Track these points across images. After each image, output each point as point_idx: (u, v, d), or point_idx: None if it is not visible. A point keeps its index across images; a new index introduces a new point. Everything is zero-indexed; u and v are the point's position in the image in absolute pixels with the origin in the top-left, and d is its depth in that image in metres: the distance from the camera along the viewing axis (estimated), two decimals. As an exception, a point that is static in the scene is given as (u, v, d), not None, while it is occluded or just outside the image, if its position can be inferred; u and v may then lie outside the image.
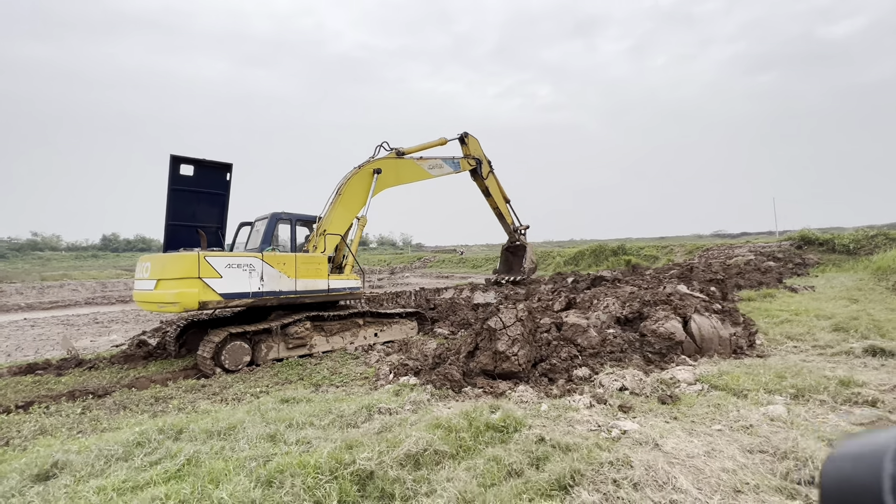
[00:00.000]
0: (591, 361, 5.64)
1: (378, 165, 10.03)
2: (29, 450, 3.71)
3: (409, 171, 11.08)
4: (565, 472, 2.76)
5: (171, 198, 8.34)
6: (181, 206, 8.49)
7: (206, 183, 8.86)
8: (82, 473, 3.04)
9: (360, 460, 2.94)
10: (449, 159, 12.09)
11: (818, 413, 3.99)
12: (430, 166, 11.56)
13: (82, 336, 12.36)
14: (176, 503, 2.50)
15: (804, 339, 6.81)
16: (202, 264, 6.68)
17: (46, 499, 2.71)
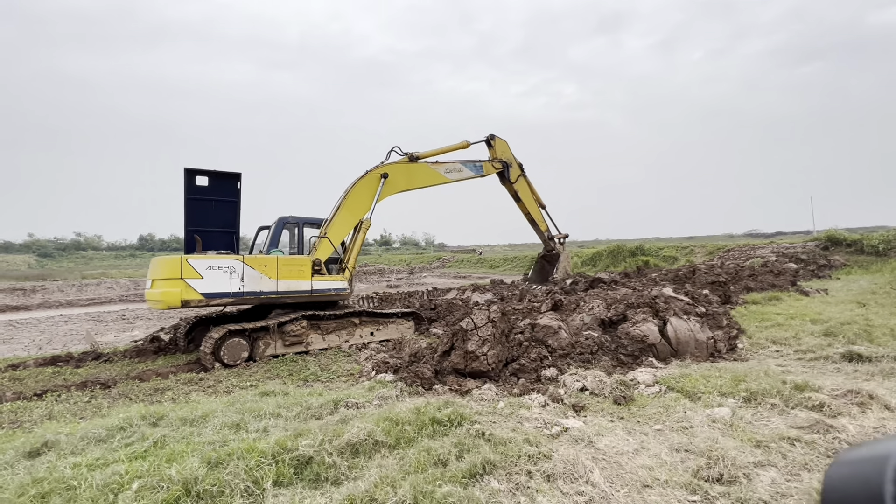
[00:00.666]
0: (560, 362, 5.80)
1: (385, 170, 10.18)
2: (33, 432, 4.20)
3: (423, 175, 10.98)
4: (479, 462, 2.99)
5: (188, 206, 9.04)
6: (198, 214, 9.19)
7: (220, 191, 9.49)
8: (65, 451, 3.49)
9: (302, 447, 3.25)
10: (470, 163, 11.78)
11: (763, 416, 4.06)
12: (448, 170, 11.40)
13: (108, 332, 13.26)
14: (132, 478, 2.87)
15: (788, 344, 6.74)
16: (184, 266, 7.25)
17: (30, 471, 3.14)
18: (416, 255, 73.43)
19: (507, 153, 12.46)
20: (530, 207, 12.92)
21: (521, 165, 12.60)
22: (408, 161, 10.74)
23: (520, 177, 12.57)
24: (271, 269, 7.98)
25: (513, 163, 12.44)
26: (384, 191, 10.00)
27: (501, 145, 12.38)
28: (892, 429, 3.60)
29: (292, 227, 10.86)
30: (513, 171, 12.39)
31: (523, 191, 12.68)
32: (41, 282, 35.27)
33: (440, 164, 11.25)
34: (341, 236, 9.35)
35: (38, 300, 27.53)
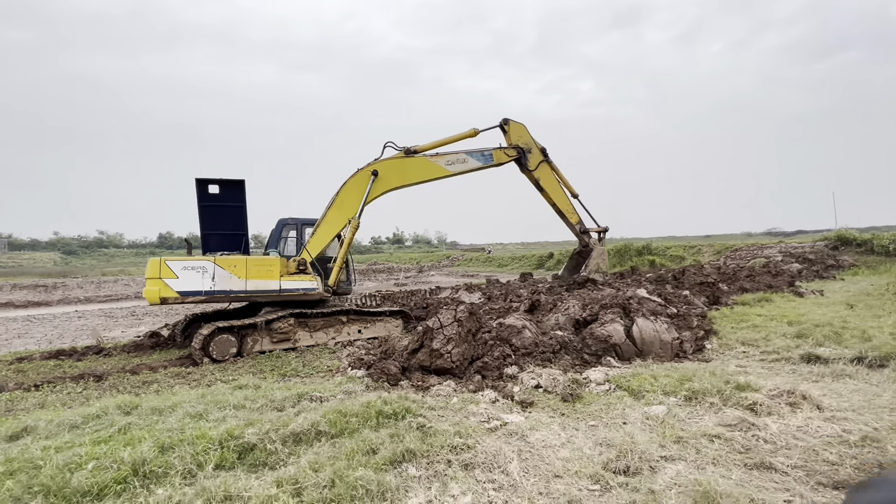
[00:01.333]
0: (522, 361, 6.00)
1: (376, 167, 10.01)
2: (18, 418, 4.61)
3: (419, 169, 10.35)
4: (400, 451, 3.24)
5: (201, 212, 9.91)
6: (210, 218, 10.00)
7: (228, 198, 10.12)
8: (41, 436, 3.86)
9: (248, 435, 3.55)
10: (476, 152, 10.71)
11: (697, 413, 4.22)
12: (449, 162, 10.51)
13: (116, 327, 13.90)
14: (89, 459, 3.20)
15: (757, 345, 6.81)
16: (162, 267, 7.91)
17: (6, 452, 3.50)
18: (427, 253, 73.91)
19: (524, 137, 11.11)
20: (556, 197, 11.40)
21: (543, 150, 11.17)
22: (403, 156, 10.27)
23: (542, 163, 11.05)
24: (241, 269, 8.39)
25: (532, 148, 11.04)
26: (374, 189, 9.92)
27: (518, 129, 11.06)
28: (814, 429, 3.73)
29: (291, 227, 11.30)
30: (532, 156, 10.98)
31: (546, 179, 11.19)
32: (62, 279, 36.71)
33: (440, 155, 10.45)
34: (329, 236, 9.64)
35: (59, 296, 28.69)
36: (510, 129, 11.13)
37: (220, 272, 8.29)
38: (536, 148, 11.22)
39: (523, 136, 11.23)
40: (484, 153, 10.86)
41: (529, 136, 11.29)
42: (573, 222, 11.87)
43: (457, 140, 10.77)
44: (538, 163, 11.18)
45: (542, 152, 11.25)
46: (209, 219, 9.94)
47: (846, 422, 3.80)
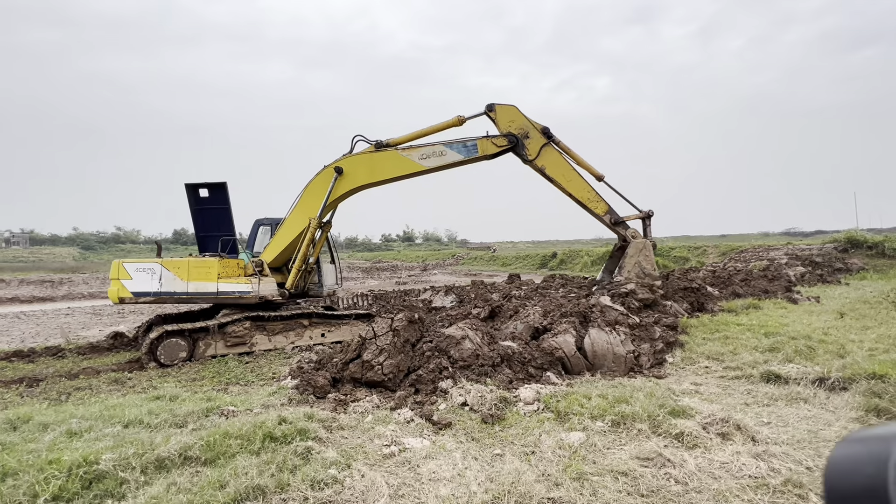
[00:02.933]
0: (459, 374, 5.61)
1: (340, 164, 9.26)
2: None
3: (388, 164, 9.24)
4: (243, 488, 2.91)
5: (196, 216, 10.19)
6: (203, 221, 10.25)
7: (217, 200, 10.20)
8: None
9: (103, 461, 3.26)
10: (457, 143, 9.23)
11: (617, 442, 3.80)
12: (423, 156, 9.20)
13: (96, 325, 13.90)
14: (-85, 487, 2.95)
15: (721, 360, 6.30)
16: (119, 269, 8.11)
17: None
18: (434, 251, 73.66)
19: (517, 121, 9.25)
20: (570, 186, 9.20)
21: (545, 131, 9.21)
22: (373, 150, 9.27)
23: (544, 147, 9.08)
24: (183, 271, 8.28)
25: (529, 131, 9.16)
26: (338, 187, 9.25)
27: (507, 113, 9.21)
28: (738, 466, 3.28)
29: (267, 227, 11.09)
30: (531, 142, 9.07)
31: (553, 165, 9.14)
32: (69, 274, 37.44)
33: (414, 148, 9.21)
34: (289, 238, 9.35)
35: (63, 292, 29.19)
36: (498, 116, 9.24)
37: (166, 274, 8.18)
38: (535, 130, 9.18)
39: (516, 120, 9.24)
40: (466, 144, 9.25)
41: (523, 117, 9.25)
42: (600, 213, 9.37)
43: (438, 130, 9.40)
44: (540, 147, 9.10)
45: (544, 133, 9.19)
46: (202, 222, 10.27)
47: (777, 458, 3.34)
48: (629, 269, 9.02)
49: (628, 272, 8.98)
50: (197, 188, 10.12)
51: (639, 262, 9.06)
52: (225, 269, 8.54)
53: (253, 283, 8.57)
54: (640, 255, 9.11)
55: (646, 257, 9.12)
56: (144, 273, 8.22)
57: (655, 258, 9.07)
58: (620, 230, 9.56)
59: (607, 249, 36.88)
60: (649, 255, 9.18)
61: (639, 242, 9.26)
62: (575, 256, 39.20)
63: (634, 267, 9.03)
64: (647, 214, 9.66)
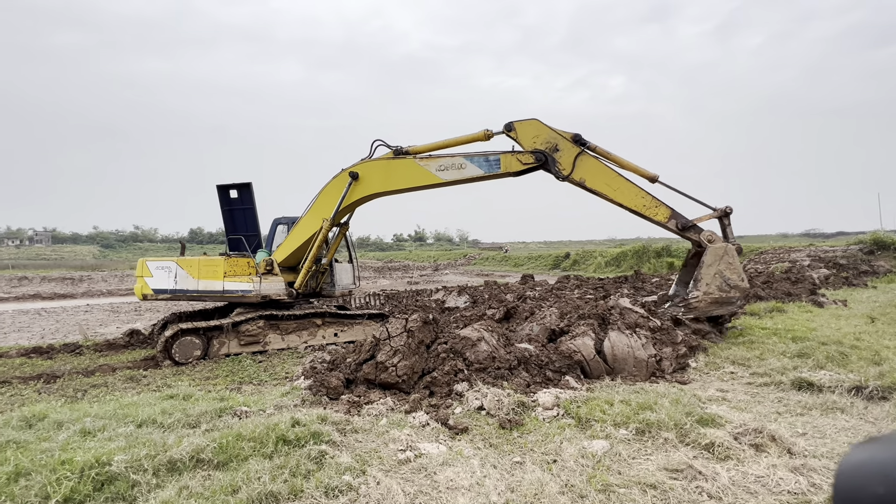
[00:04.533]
0: (475, 376, 5.47)
1: (356, 169, 9.04)
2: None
3: (404, 173, 8.83)
4: (256, 495, 2.81)
5: (226, 216, 10.45)
6: (233, 222, 10.51)
7: (244, 201, 10.44)
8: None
9: (115, 462, 3.20)
10: (480, 157, 8.59)
11: (643, 452, 3.62)
12: (441, 167, 8.67)
13: (113, 322, 14.10)
14: (-71, 486, 2.92)
15: (748, 365, 6.06)
16: (143, 266, 8.35)
17: None
18: (445, 251, 73.56)
19: (542, 134, 8.29)
20: (617, 195, 8.03)
21: (576, 138, 8.18)
22: (392, 157, 8.89)
23: (579, 157, 8.05)
24: (194, 269, 8.38)
25: (559, 143, 8.18)
26: (352, 193, 9.05)
27: (530, 129, 8.32)
28: (775, 481, 3.09)
29: (284, 226, 11.10)
30: (562, 155, 8.10)
31: (594, 176, 8.04)
32: (90, 272, 38.22)
33: (433, 158, 8.72)
34: (301, 239, 9.29)
35: (83, 289, 29.81)
36: (519, 134, 8.34)
37: (181, 272, 8.30)
38: (565, 140, 8.19)
39: (540, 134, 8.30)
40: (489, 158, 8.52)
41: (548, 129, 8.29)
42: (662, 220, 7.98)
43: (462, 143, 8.78)
44: (574, 159, 8.04)
45: (576, 141, 8.18)
46: (232, 222, 10.57)
47: (817, 473, 3.14)
48: (708, 281, 7.43)
49: (707, 285, 7.42)
50: (227, 189, 10.35)
51: (720, 272, 7.44)
52: (232, 267, 8.60)
53: (254, 282, 8.60)
54: (722, 262, 7.47)
55: (728, 265, 7.47)
56: (163, 271, 8.41)
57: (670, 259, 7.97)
58: (692, 235, 7.92)
59: (622, 251, 36.32)
60: (733, 261, 7.53)
61: (718, 248, 7.55)
62: (588, 257, 38.73)
63: (714, 278, 7.42)
64: (724, 212, 7.94)
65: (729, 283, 7.43)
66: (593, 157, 8.27)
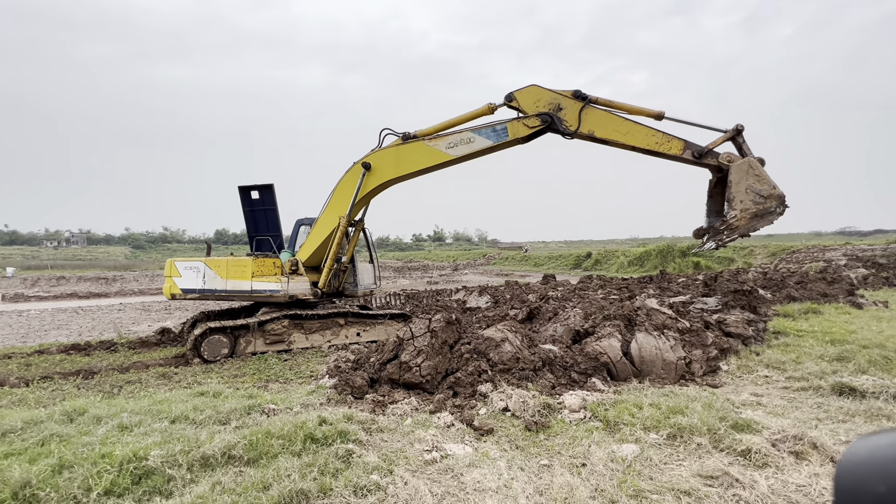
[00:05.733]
0: (499, 377, 5.44)
1: (368, 159, 9.08)
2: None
3: (415, 155, 8.89)
4: (287, 491, 2.85)
5: (248, 217, 10.59)
6: (255, 222, 10.64)
7: (266, 202, 10.58)
8: (-30, 442, 3.83)
9: (151, 457, 3.30)
10: (486, 128, 8.73)
11: (675, 457, 3.52)
12: (450, 144, 8.81)
13: (145, 321, 14.59)
14: (-18, 475, 3.07)
15: (783, 368, 5.83)
16: (172, 267, 8.51)
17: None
18: (464, 251, 73.49)
19: (543, 98, 8.44)
20: (631, 139, 8.17)
21: (577, 94, 8.30)
22: (400, 143, 8.97)
23: (584, 111, 8.20)
24: (223, 270, 8.52)
25: (561, 102, 8.35)
26: (366, 183, 9.08)
27: (531, 95, 8.48)
28: (817, 491, 2.96)
29: (307, 227, 11.30)
30: (566, 113, 8.26)
31: (603, 126, 8.22)
32: (122, 272, 39.71)
33: (441, 138, 8.82)
34: (321, 237, 9.40)
35: (116, 289, 30.94)
36: (521, 102, 8.48)
37: (209, 272, 8.47)
38: (566, 98, 8.33)
39: (542, 98, 8.45)
40: (495, 128, 8.66)
41: (548, 92, 8.45)
42: (678, 153, 8.00)
43: (467, 120, 8.94)
44: (578, 113, 8.17)
45: (577, 96, 8.27)
46: (254, 223, 10.71)
47: (864, 484, 2.98)
48: (741, 198, 7.28)
49: (741, 202, 7.26)
50: (249, 190, 10.52)
51: (749, 187, 7.33)
52: (259, 268, 8.74)
53: (282, 282, 8.72)
54: (749, 176, 7.34)
55: (757, 178, 7.34)
56: (191, 271, 8.58)
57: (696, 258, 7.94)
58: (711, 160, 7.80)
59: (645, 250, 35.50)
60: (760, 173, 7.37)
61: (741, 164, 7.43)
62: (610, 257, 38.07)
63: (747, 193, 7.30)
64: (736, 130, 7.77)
65: (762, 195, 7.27)
66: (598, 108, 8.33)
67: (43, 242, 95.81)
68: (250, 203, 10.56)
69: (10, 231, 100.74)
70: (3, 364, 7.94)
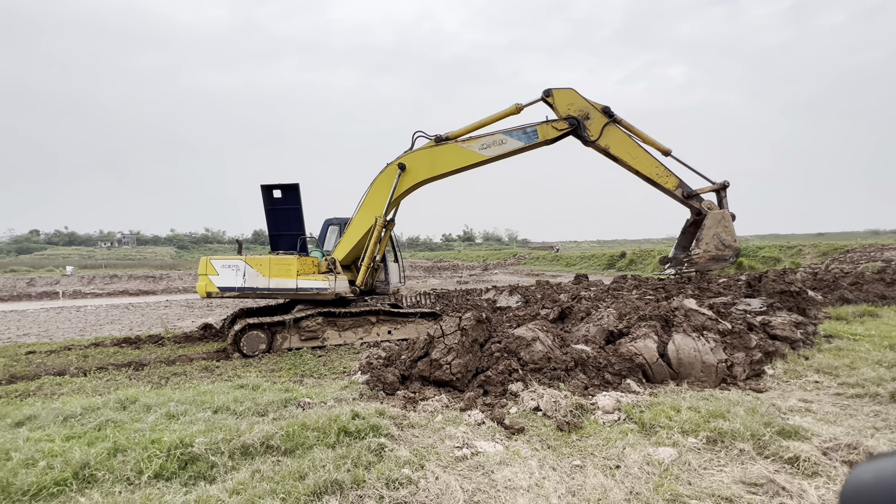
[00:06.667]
0: (529, 377, 5.38)
1: (403, 160, 9.44)
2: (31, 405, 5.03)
3: (449, 156, 9.39)
4: (322, 481, 2.93)
5: (269, 216, 10.76)
6: (276, 221, 10.79)
7: (289, 201, 10.75)
8: (37, 424, 4.15)
9: (196, 444, 3.48)
10: (517, 130, 9.35)
11: (716, 463, 3.39)
12: (483, 146, 9.34)
13: (189, 317, 15.34)
14: (46, 456, 3.32)
15: (836, 374, 5.49)
16: (207, 265, 8.70)
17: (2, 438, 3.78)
18: (494, 251, 73.10)
19: (575, 103, 9.20)
20: (637, 163, 9.06)
21: (605, 110, 9.12)
22: (433, 145, 9.47)
23: (607, 126, 9.00)
24: (265, 268, 8.72)
25: (590, 112, 9.13)
26: (401, 183, 9.43)
27: (566, 97, 9.18)
28: (874, 502, 2.77)
29: (336, 227, 11.59)
30: (592, 123, 9.01)
31: (618, 144, 9.02)
32: (168, 271, 41.89)
33: (473, 139, 9.35)
34: (357, 237, 9.61)
35: (163, 286, 32.66)
36: (556, 100, 9.19)
37: (250, 270, 8.71)
38: (595, 111, 9.13)
39: (574, 102, 9.20)
40: (526, 130, 9.34)
41: (582, 99, 9.22)
42: (671, 188, 9.06)
43: (496, 120, 9.50)
44: (602, 127, 9.02)
45: (605, 112, 9.11)
46: (275, 221, 10.84)
47: (928, 498, 2.77)
48: (707, 241, 8.81)
49: (706, 244, 8.79)
50: (271, 189, 10.69)
51: (717, 234, 8.81)
52: (303, 266, 8.97)
53: (329, 280, 8.92)
54: (719, 226, 8.84)
55: (725, 228, 8.86)
56: (229, 269, 8.78)
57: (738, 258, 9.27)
58: (695, 203, 9.23)
59: (683, 249, 34.27)
60: (729, 225, 8.90)
61: (717, 213, 8.92)
62: (646, 256, 36.88)
63: (713, 239, 8.80)
64: (721, 185, 9.26)
65: (724, 244, 8.84)
66: (620, 129, 9.29)
67: (97, 243, 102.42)
68: (272, 201, 10.68)
69: (70, 233, 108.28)
70: (65, 355, 8.55)
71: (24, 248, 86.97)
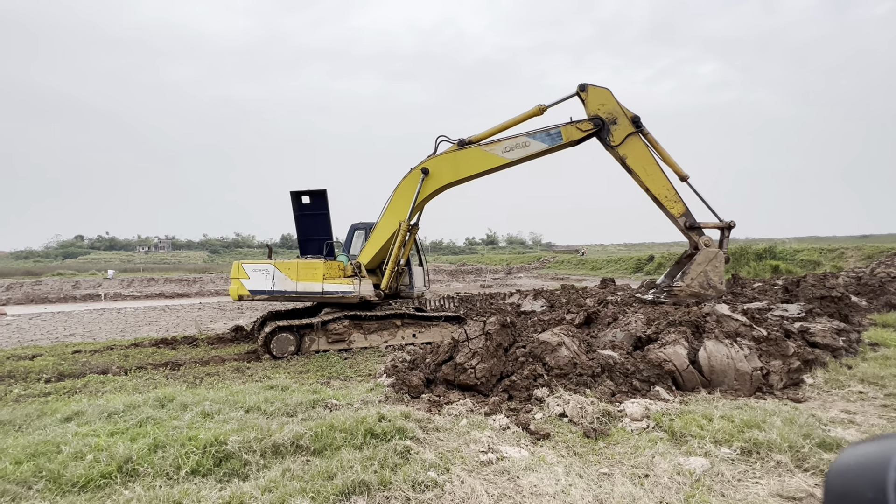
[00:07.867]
0: (555, 382, 5.33)
1: (426, 165, 9.54)
2: (78, 402, 5.32)
3: (472, 160, 9.39)
4: (350, 482, 2.99)
5: (298, 221, 11.15)
6: (305, 226, 11.17)
7: (318, 207, 11.09)
8: (84, 420, 4.40)
9: (230, 442, 3.61)
10: (540, 132, 9.22)
11: (750, 475, 3.28)
12: (506, 149, 9.25)
13: (221, 319, 15.87)
14: (92, 450, 3.52)
15: (882, 384, 5.21)
16: (239, 269, 8.97)
17: (52, 432, 4.03)
18: (518, 255, 72.55)
19: (608, 105, 8.96)
20: (648, 180, 8.81)
21: (635, 120, 8.87)
22: (456, 149, 9.48)
23: (630, 136, 8.79)
24: (293, 272, 8.94)
25: (618, 117, 8.88)
26: (425, 188, 9.47)
27: (599, 95, 8.97)
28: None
29: (361, 231, 11.81)
30: (617, 128, 8.82)
31: (635, 156, 8.79)
32: (201, 274, 43.47)
33: (497, 143, 9.29)
34: (381, 241, 9.74)
35: (196, 289, 33.88)
36: (588, 97, 8.99)
37: (279, 274, 8.96)
38: (625, 117, 8.89)
39: (606, 104, 8.98)
40: (550, 132, 9.17)
41: (615, 102, 8.99)
42: (675, 214, 8.78)
43: (519, 122, 9.39)
44: (625, 136, 8.81)
45: (634, 122, 8.88)
46: (303, 226, 11.17)
47: None
48: (693, 276, 8.40)
49: (691, 279, 8.39)
50: (300, 195, 11.03)
51: (705, 272, 8.42)
52: (329, 270, 9.16)
53: (355, 283, 9.08)
54: (710, 264, 8.47)
55: (714, 268, 8.47)
56: (260, 273, 9.05)
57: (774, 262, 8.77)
58: (694, 236, 8.86)
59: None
60: (719, 266, 8.51)
61: (710, 251, 8.56)
62: (674, 259, 35.87)
63: (699, 276, 8.42)
64: (727, 225, 8.88)
65: (709, 283, 8.45)
66: (643, 141, 9.00)
67: (136, 248, 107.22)
68: (300, 207, 10.99)
69: (110, 238, 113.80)
70: (107, 355, 9.00)
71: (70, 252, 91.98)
